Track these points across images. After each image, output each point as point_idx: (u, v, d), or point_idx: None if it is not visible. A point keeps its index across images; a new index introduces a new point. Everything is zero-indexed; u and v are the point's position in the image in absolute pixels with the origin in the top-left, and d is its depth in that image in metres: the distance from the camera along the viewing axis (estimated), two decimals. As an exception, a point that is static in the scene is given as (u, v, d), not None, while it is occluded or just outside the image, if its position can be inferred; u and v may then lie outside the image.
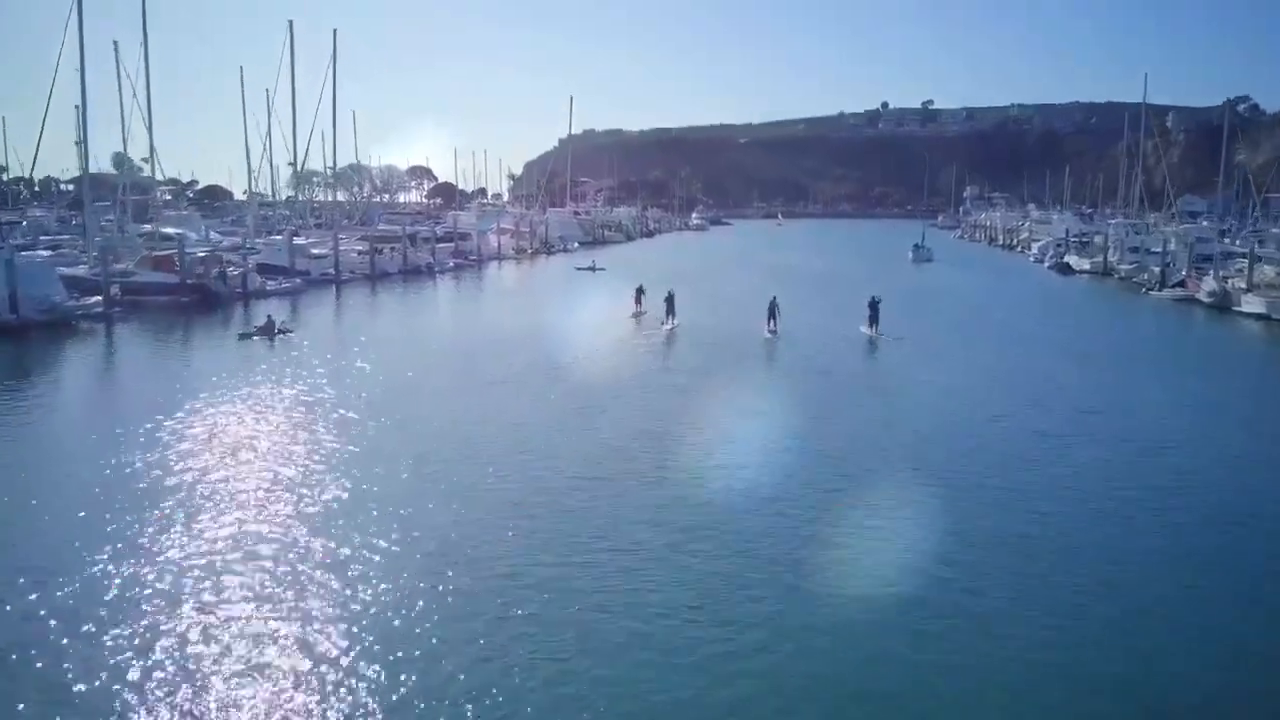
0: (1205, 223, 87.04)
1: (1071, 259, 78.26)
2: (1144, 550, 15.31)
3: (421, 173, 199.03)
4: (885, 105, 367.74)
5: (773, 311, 38.07)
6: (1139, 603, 13.33)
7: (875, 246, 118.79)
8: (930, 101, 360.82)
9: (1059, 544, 15.43)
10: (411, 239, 74.51)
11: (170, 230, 69.81)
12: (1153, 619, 12.90)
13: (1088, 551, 15.13)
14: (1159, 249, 64.46)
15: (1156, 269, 61.29)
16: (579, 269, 73.42)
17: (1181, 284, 56.67)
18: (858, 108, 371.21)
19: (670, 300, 39.89)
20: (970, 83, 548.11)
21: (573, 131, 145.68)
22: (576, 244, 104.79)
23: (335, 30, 69.91)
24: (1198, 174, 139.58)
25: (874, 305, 38.16)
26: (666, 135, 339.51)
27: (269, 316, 36.22)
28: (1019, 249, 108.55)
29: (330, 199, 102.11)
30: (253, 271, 52.74)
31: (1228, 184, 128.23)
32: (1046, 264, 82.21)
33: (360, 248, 67.79)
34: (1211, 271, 53.26)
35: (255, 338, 34.78)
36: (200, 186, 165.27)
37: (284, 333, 35.26)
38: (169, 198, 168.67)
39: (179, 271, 47.01)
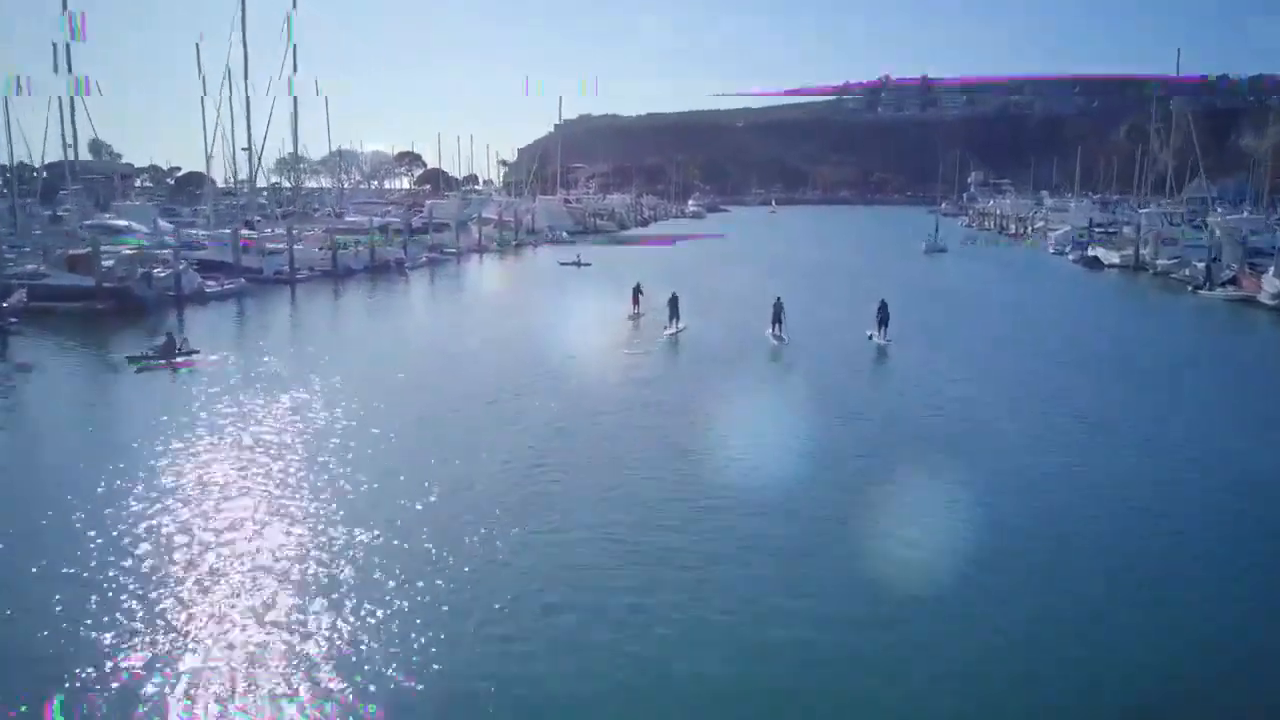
0: (1219, 209, 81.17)
1: (1099, 252, 71.97)
2: None
3: (410, 159, 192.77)
4: (887, 79, 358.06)
5: (778, 314, 34.58)
6: None
7: (881, 237, 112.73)
8: (926, 75, 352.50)
9: None
10: (382, 231, 68.32)
11: (121, 222, 63.91)
12: None
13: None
14: (1202, 241, 58.46)
15: (1200, 264, 55.23)
16: (563, 264, 67.15)
17: (1233, 282, 50.61)
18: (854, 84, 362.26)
19: (674, 302, 35.86)
20: (970, 67, 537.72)
21: (569, 117, 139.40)
22: (565, 234, 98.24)
23: (294, 2, 63.51)
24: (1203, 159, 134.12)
25: (883, 309, 34.17)
26: (663, 120, 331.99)
27: (168, 334, 29.51)
28: (1034, 239, 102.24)
29: (308, 186, 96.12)
30: (191, 271, 46.46)
31: (1238, 169, 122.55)
32: (1070, 257, 75.95)
33: (323, 241, 61.61)
34: (1273, 268, 47.16)
35: (150, 362, 28.31)
36: (182, 173, 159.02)
37: (187, 354, 28.89)
38: (150, 185, 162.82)
39: (97, 273, 40.82)
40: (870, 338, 34.22)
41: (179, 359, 28.21)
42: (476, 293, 58.32)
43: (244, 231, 56.97)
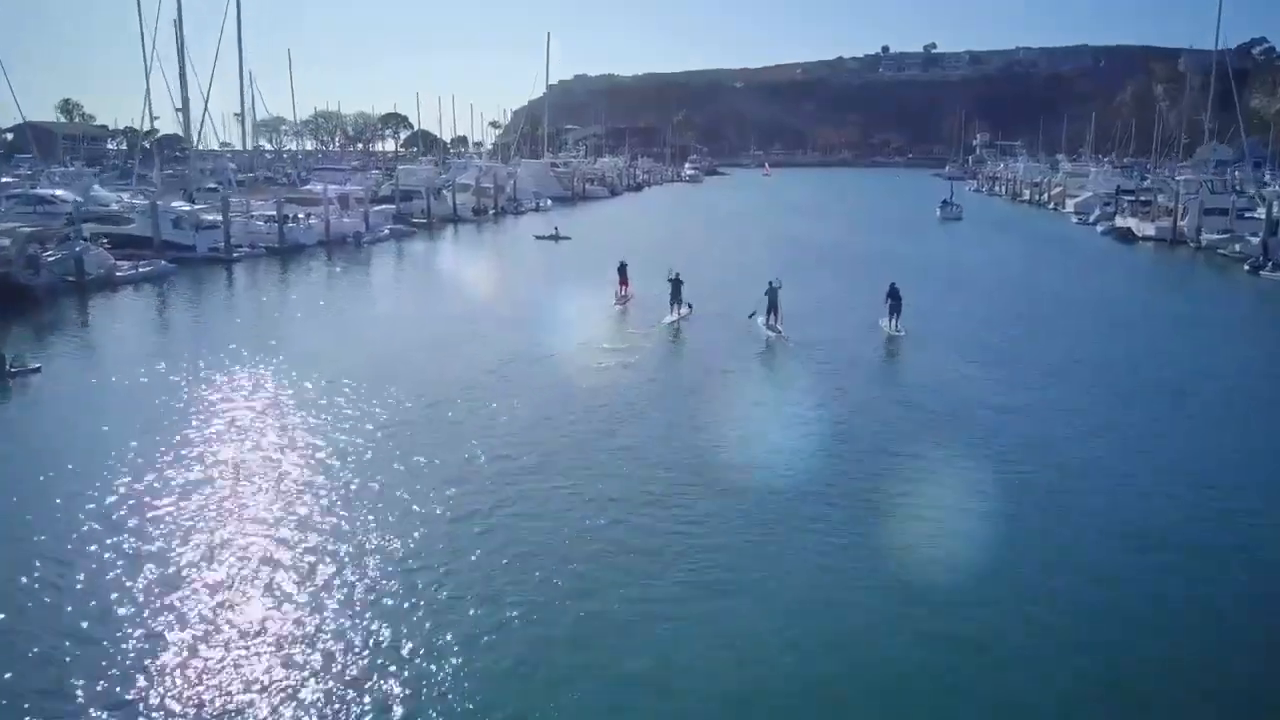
0: (1238, 173, 74.87)
1: (1131, 223, 65.41)
2: None
3: (397, 120, 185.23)
4: (886, 49, 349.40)
5: (773, 302, 29.31)
6: None
7: (888, 203, 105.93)
8: (933, 45, 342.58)
9: None
10: (342, 201, 61.66)
11: (49, 192, 57.44)
12: None
13: None
14: (1255, 213, 52.13)
15: (1255, 239, 48.93)
16: (539, 238, 60.72)
17: (1297, 260, 44.51)
18: (857, 52, 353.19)
19: (677, 284, 31.50)
20: (973, 27, 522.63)
21: (564, 78, 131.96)
22: (549, 201, 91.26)
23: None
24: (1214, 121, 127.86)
25: (894, 294, 29.87)
26: (660, 80, 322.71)
27: (-1, 352, 23.47)
28: (1052, 206, 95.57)
29: (290, 148, 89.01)
30: (98, 250, 39.99)
31: (1249, 131, 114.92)
32: (1098, 228, 69.41)
33: (270, 213, 55.05)
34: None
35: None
36: (160, 135, 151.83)
37: (21, 373, 22.60)
38: (123, 148, 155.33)
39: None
40: (881, 324, 30.07)
41: (11, 377, 21.89)
42: (440, 272, 51.43)
43: (176, 204, 50.57)
